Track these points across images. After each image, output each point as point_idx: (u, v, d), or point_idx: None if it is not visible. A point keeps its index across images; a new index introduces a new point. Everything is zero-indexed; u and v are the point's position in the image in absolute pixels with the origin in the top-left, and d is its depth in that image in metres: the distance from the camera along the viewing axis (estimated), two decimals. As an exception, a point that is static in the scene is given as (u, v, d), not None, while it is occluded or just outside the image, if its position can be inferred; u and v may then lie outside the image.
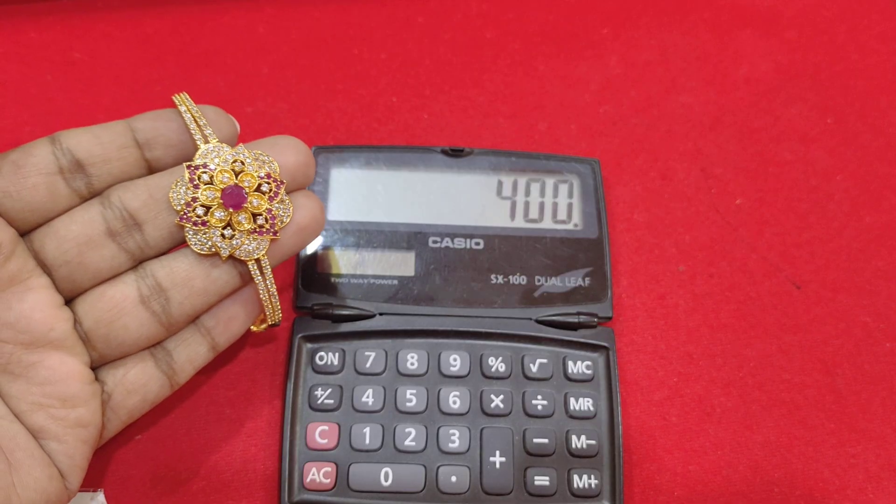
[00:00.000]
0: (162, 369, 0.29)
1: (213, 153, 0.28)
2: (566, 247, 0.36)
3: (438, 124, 0.41)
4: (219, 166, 0.27)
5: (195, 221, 0.27)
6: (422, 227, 0.36)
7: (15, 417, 0.26)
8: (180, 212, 0.27)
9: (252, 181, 0.28)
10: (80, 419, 0.27)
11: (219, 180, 0.27)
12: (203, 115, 0.28)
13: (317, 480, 0.32)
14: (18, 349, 0.26)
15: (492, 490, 0.32)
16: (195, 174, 0.27)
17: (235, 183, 0.27)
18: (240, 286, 0.29)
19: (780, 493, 0.33)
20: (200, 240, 0.27)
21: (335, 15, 0.44)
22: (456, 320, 0.35)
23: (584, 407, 0.33)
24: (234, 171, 0.28)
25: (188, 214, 0.27)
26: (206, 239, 0.27)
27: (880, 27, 0.45)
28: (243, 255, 0.28)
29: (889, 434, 0.34)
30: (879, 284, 0.37)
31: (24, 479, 0.25)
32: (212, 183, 0.27)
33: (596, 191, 0.37)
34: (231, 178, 0.27)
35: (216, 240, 0.27)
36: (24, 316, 0.26)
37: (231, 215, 0.27)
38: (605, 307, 0.35)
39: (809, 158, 0.41)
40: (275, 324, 0.30)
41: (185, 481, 0.32)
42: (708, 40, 0.44)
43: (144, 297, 0.28)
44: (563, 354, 0.35)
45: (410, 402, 0.33)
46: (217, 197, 0.27)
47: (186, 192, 0.27)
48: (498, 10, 0.45)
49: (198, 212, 0.27)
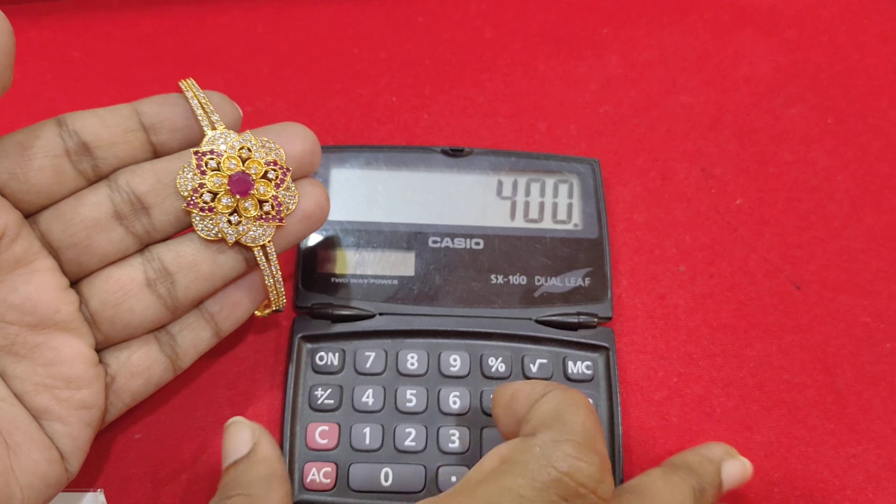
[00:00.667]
0: (166, 353, 0.29)
1: (221, 139, 0.28)
2: (566, 247, 0.36)
3: (438, 124, 0.41)
4: (226, 153, 0.28)
5: (202, 207, 0.27)
6: (422, 227, 0.36)
7: (16, 400, 0.26)
8: (187, 197, 0.27)
9: (259, 168, 0.28)
10: (84, 401, 0.27)
11: (226, 167, 0.27)
12: (209, 101, 0.28)
13: (317, 480, 0.32)
14: (24, 330, 0.26)
15: None
16: (202, 160, 0.27)
17: (242, 170, 0.28)
18: (245, 272, 0.29)
19: (780, 494, 0.33)
20: (207, 226, 0.28)
21: (335, 15, 0.44)
22: (456, 320, 0.35)
23: None
24: (240, 157, 0.28)
25: (195, 200, 0.27)
26: (213, 225, 0.28)
27: (880, 27, 0.45)
28: (249, 242, 0.28)
29: (889, 434, 0.34)
30: (880, 285, 0.37)
31: (23, 462, 0.25)
32: (219, 169, 0.27)
33: (596, 191, 0.37)
34: (238, 164, 0.28)
35: (223, 226, 0.28)
36: (29, 298, 0.26)
37: (238, 202, 0.28)
38: (605, 307, 0.35)
39: (809, 158, 0.41)
40: (279, 309, 0.31)
41: (186, 481, 0.32)
42: (708, 40, 0.44)
43: (151, 280, 0.28)
44: (563, 355, 0.34)
45: (410, 402, 0.33)
46: (224, 183, 0.27)
47: (193, 177, 0.27)
48: (498, 10, 0.45)
49: (205, 198, 0.27)
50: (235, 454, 0.28)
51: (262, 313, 0.32)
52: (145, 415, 0.33)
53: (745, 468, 0.30)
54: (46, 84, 0.40)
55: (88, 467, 0.32)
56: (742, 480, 0.30)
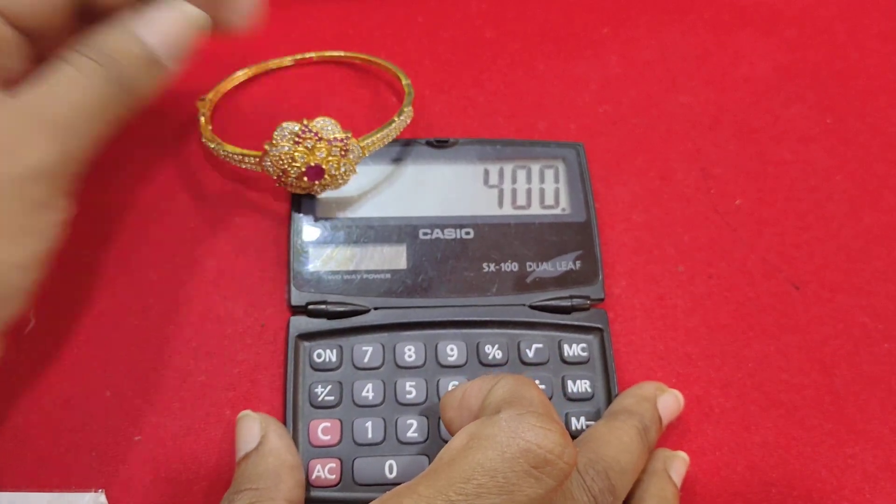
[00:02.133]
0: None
1: (331, 127, 0.33)
2: (555, 231, 0.36)
3: (438, 124, 0.41)
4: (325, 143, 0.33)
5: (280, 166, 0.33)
6: (411, 220, 0.36)
7: None
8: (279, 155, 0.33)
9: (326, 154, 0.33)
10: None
11: (314, 156, 0.33)
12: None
13: (322, 477, 0.32)
14: None
15: None
16: (305, 133, 0.33)
17: (320, 164, 0.33)
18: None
19: (778, 494, 0.33)
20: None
21: (335, 14, 0.44)
22: (451, 310, 0.35)
23: (582, 389, 0.34)
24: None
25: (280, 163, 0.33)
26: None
27: (880, 27, 0.45)
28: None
29: (887, 434, 0.34)
30: (878, 285, 0.37)
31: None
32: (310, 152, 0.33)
33: (582, 175, 0.38)
34: (326, 155, 0.33)
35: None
36: None
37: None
38: (597, 289, 0.35)
39: (809, 158, 0.41)
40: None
41: (187, 482, 0.32)
42: (708, 40, 0.44)
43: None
44: (558, 338, 0.35)
45: (410, 393, 0.33)
46: (306, 162, 0.33)
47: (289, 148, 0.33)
48: (498, 10, 0.45)
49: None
50: (246, 447, 0.30)
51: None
52: (145, 415, 0.33)
53: (678, 400, 0.34)
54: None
55: (88, 467, 0.32)
56: (678, 411, 0.33)
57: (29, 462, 0.32)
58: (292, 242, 0.35)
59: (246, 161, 0.34)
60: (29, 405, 0.33)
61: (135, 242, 0.36)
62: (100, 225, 0.37)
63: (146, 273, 0.36)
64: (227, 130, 0.40)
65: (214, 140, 0.35)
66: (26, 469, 0.32)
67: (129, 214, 0.37)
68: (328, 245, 0.36)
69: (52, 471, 0.32)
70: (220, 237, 0.37)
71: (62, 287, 0.35)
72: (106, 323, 0.35)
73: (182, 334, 0.35)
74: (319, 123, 0.33)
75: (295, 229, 0.36)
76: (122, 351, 0.34)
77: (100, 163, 0.39)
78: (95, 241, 0.36)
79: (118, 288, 0.35)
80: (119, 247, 0.36)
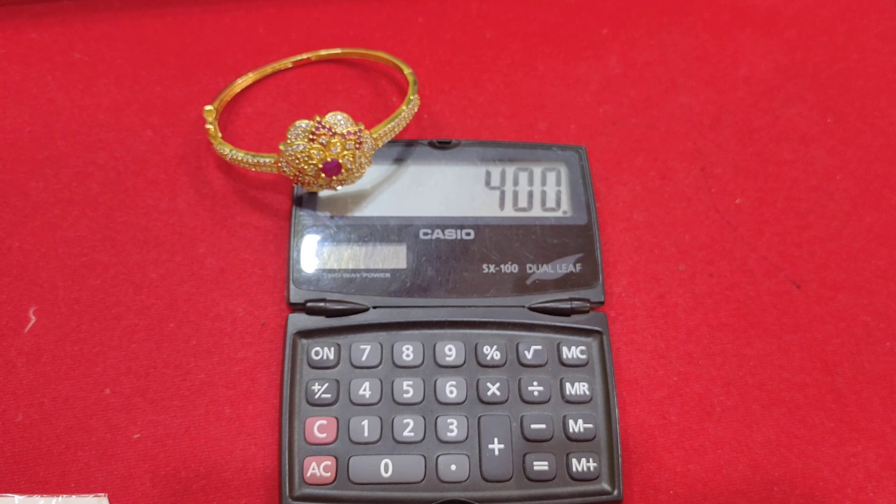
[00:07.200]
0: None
1: (343, 123, 0.33)
2: (556, 234, 0.36)
3: (438, 124, 0.41)
4: (339, 139, 0.33)
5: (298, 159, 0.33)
6: (412, 220, 0.36)
7: None
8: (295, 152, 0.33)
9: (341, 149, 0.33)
10: None
11: (329, 152, 0.33)
12: None
13: (317, 474, 0.32)
14: None
15: (492, 477, 0.32)
16: (319, 130, 0.33)
17: (337, 158, 0.33)
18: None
19: (780, 492, 0.33)
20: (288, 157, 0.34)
21: (335, 15, 0.44)
22: (450, 311, 0.35)
23: (580, 391, 0.34)
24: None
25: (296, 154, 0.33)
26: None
27: (880, 27, 0.45)
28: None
29: (889, 433, 0.34)
30: (879, 284, 0.37)
31: None
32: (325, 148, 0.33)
33: (583, 178, 0.38)
34: (341, 151, 0.33)
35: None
36: None
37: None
38: (597, 292, 0.35)
39: (809, 158, 0.41)
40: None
41: (186, 480, 0.32)
42: (708, 40, 0.44)
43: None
44: (557, 340, 0.35)
45: (407, 393, 0.33)
46: (323, 159, 0.33)
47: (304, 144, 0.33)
48: (498, 10, 0.45)
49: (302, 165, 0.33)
50: None
51: None
52: (145, 415, 0.33)
53: None
54: (47, 85, 0.41)
55: (88, 465, 0.32)
56: None
57: (28, 460, 0.32)
58: (292, 240, 0.35)
59: (261, 164, 0.34)
60: (29, 403, 0.33)
61: (135, 241, 0.36)
62: (100, 225, 0.37)
63: (146, 272, 0.36)
64: (235, 137, 0.40)
65: (227, 146, 0.35)
66: (26, 468, 0.32)
67: (129, 214, 0.37)
68: (328, 243, 0.36)
69: (51, 469, 0.32)
70: (221, 235, 0.37)
71: (62, 286, 0.35)
72: (105, 321, 0.35)
73: (181, 332, 0.35)
74: (332, 118, 0.33)
75: (295, 227, 0.36)
76: (122, 349, 0.34)
77: (100, 164, 0.39)
78: (95, 240, 0.36)
79: (118, 287, 0.35)
80: (119, 246, 0.36)
